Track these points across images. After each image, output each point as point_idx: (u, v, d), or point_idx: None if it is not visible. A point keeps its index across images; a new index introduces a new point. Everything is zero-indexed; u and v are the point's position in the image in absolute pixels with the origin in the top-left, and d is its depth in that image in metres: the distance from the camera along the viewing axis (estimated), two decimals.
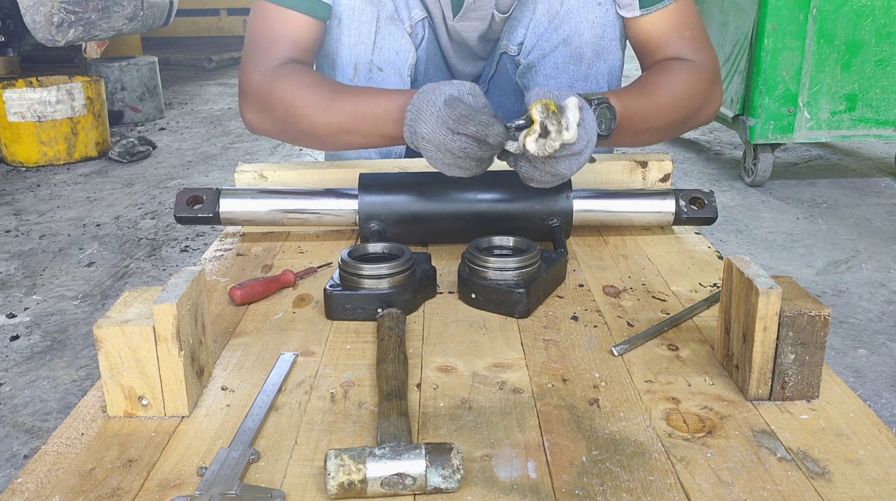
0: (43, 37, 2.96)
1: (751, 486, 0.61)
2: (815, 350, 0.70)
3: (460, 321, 0.89)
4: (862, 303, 1.64)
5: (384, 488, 0.59)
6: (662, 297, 0.95)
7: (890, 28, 2.29)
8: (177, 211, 1.09)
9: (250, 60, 1.15)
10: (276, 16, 1.14)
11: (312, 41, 1.17)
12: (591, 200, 1.12)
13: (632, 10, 1.19)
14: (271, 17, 1.14)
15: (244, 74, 1.15)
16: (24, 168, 2.87)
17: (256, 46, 1.15)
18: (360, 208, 1.07)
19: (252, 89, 1.13)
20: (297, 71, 1.12)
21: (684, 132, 1.27)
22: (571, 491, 0.60)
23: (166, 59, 5.23)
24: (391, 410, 0.67)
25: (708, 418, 0.70)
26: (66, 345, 1.51)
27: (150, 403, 0.70)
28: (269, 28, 1.14)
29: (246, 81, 1.15)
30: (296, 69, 1.12)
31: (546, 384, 0.75)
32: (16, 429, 1.24)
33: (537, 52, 1.25)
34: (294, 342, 0.85)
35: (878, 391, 1.32)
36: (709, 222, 1.12)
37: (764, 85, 2.34)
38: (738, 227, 2.13)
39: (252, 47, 1.16)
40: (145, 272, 1.87)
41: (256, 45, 1.15)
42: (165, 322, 0.68)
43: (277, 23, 1.14)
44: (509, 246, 0.97)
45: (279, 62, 1.13)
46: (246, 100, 1.15)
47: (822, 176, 2.62)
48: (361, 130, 1.05)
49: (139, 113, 3.67)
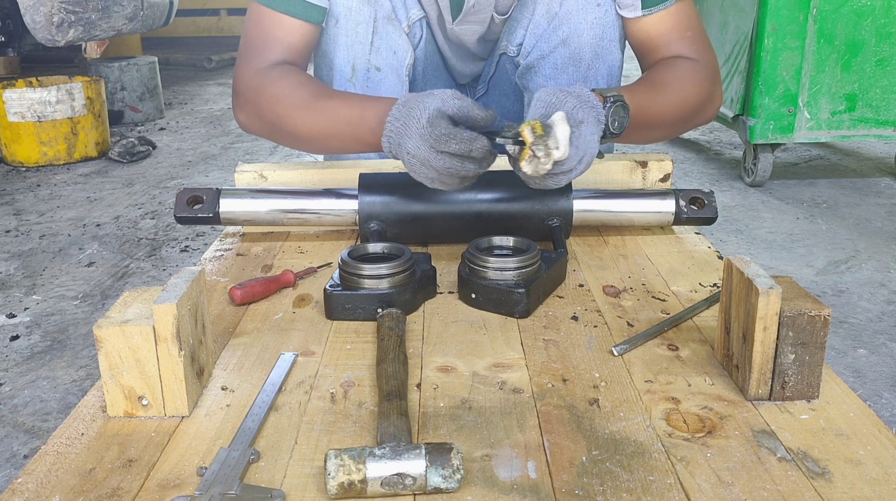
0: (43, 37, 2.96)
1: (751, 486, 0.61)
2: (815, 350, 0.70)
3: (460, 321, 0.89)
4: (862, 303, 1.64)
5: (384, 488, 0.59)
6: (662, 297, 0.95)
7: (890, 28, 2.29)
8: (177, 211, 1.09)
9: (243, 61, 1.17)
10: (270, 19, 1.15)
11: (305, 45, 1.19)
12: (591, 200, 1.12)
13: (634, 10, 1.19)
14: (265, 20, 1.15)
15: (237, 74, 1.17)
16: (24, 168, 2.87)
17: (249, 47, 1.17)
18: (359, 208, 1.07)
19: (243, 90, 1.16)
20: (285, 73, 1.13)
21: (687, 131, 1.27)
22: (571, 491, 0.60)
23: (166, 59, 5.23)
24: (391, 410, 0.67)
25: (708, 418, 0.70)
26: (66, 345, 1.51)
27: (150, 403, 0.70)
28: (263, 30, 1.16)
29: (238, 82, 1.17)
30: (285, 71, 1.13)
31: (546, 384, 0.75)
32: (16, 429, 1.24)
33: (536, 53, 1.25)
34: (294, 342, 0.85)
35: (878, 391, 1.32)
36: (709, 222, 1.12)
37: (764, 85, 2.34)
38: (738, 227, 2.13)
39: (246, 48, 1.17)
40: (145, 272, 1.87)
41: (250, 47, 1.17)
42: (165, 322, 0.68)
43: (271, 26, 1.15)
44: (509, 246, 0.97)
45: (271, 64, 1.14)
46: (238, 100, 1.17)
47: (822, 176, 2.62)
48: (339, 135, 1.06)
49: (139, 113, 3.67)
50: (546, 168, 0.86)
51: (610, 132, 0.95)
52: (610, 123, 0.94)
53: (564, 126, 0.86)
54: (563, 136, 0.85)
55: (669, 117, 1.12)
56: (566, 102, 0.91)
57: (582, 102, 0.92)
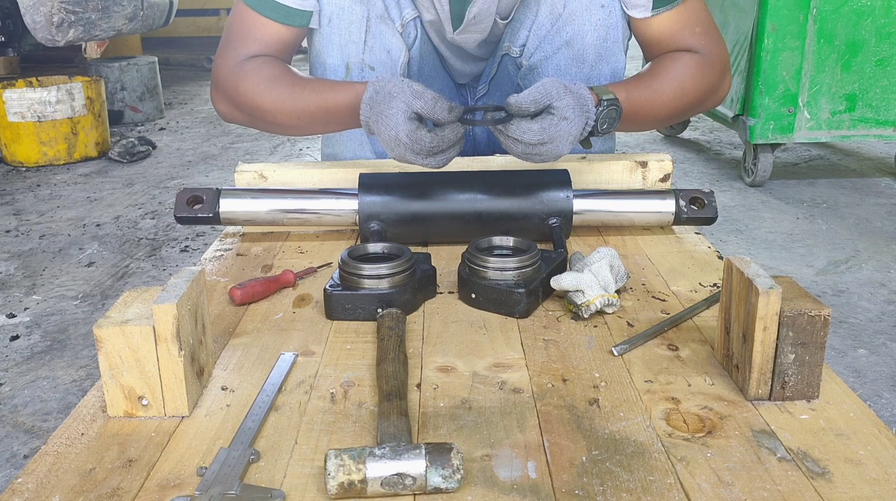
0: (43, 37, 2.96)
1: (751, 486, 0.61)
2: (815, 350, 0.70)
3: (460, 320, 0.89)
4: (862, 303, 1.64)
5: (384, 488, 0.59)
6: (662, 297, 0.95)
7: (890, 28, 2.29)
8: (177, 211, 1.09)
9: (222, 54, 1.20)
10: (252, 20, 1.17)
11: (285, 45, 1.21)
12: (591, 199, 1.12)
13: (644, 10, 1.18)
14: (248, 20, 1.18)
15: (215, 66, 1.21)
16: (24, 168, 2.87)
17: (229, 41, 1.19)
18: (360, 208, 1.07)
19: (220, 82, 1.19)
20: (260, 66, 1.16)
21: (691, 117, 1.32)
22: (571, 491, 0.60)
23: (166, 59, 5.22)
24: (391, 410, 0.67)
25: (708, 418, 0.70)
26: (66, 345, 1.51)
27: (150, 403, 0.70)
28: (244, 28, 1.18)
29: (216, 73, 1.20)
30: (259, 64, 1.16)
31: (546, 384, 0.75)
32: (16, 429, 1.24)
33: (540, 54, 1.25)
34: (294, 342, 0.85)
35: (878, 391, 1.32)
36: (709, 222, 1.12)
37: (764, 85, 2.34)
38: (738, 227, 2.13)
39: (226, 41, 1.20)
40: (145, 272, 1.87)
41: (230, 40, 1.19)
42: (165, 322, 0.68)
43: (252, 26, 1.18)
44: (509, 246, 0.96)
45: (247, 57, 1.17)
46: (216, 91, 1.21)
47: (822, 176, 2.62)
48: (320, 122, 1.13)
49: (139, 113, 3.67)
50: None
51: (598, 131, 1.03)
52: (599, 124, 1.03)
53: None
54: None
55: (664, 112, 1.16)
56: (565, 97, 0.97)
57: (578, 104, 0.98)
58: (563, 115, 0.96)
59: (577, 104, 0.98)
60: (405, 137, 0.94)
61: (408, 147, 0.95)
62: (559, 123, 0.96)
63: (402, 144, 0.95)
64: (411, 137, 0.94)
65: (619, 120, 1.05)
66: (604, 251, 0.92)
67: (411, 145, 0.95)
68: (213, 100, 1.22)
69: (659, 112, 1.15)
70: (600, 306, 0.87)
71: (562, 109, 0.96)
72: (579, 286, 0.87)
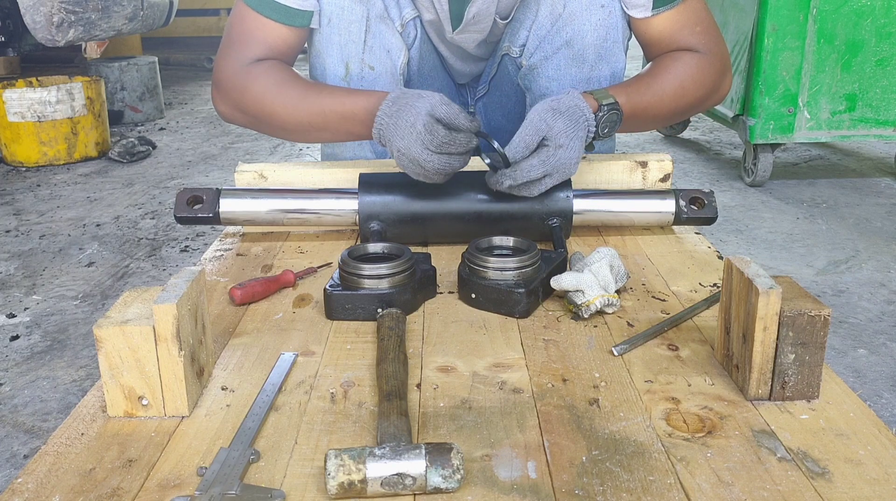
0: (43, 37, 2.96)
1: (751, 486, 0.61)
2: (815, 350, 0.70)
3: (460, 320, 0.89)
4: (862, 303, 1.64)
5: (384, 488, 0.59)
6: (662, 297, 0.95)
7: (890, 28, 2.29)
8: (177, 211, 1.09)
9: (225, 55, 1.19)
10: (253, 20, 1.17)
11: (288, 46, 1.21)
12: (591, 199, 1.12)
13: (644, 10, 1.19)
14: (248, 20, 1.17)
15: (218, 67, 1.20)
16: (24, 168, 2.87)
17: (232, 42, 1.19)
18: (360, 208, 1.07)
19: (224, 84, 1.18)
20: (268, 70, 1.15)
21: (691, 115, 1.32)
22: (571, 491, 0.60)
23: (166, 59, 5.23)
24: (391, 410, 0.67)
25: (708, 418, 0.70)
26: (66, 345, 1.51)
27: (150, 403, 0.70)
28: (245, 29, 1.18)
29: (219, 74, 1.19)
30: (268, 68, 1.16)
31: (546, 384, 0.75)
32: (16, 429, 1.24)
33: (540, 54, 1.25)
34: (294, 342, 0.85)
35: (878, 391, 1.32)
36: (709, 222, 1.12)
37: (764, 85, 2.34)
38: (738, 227, 2.13)
39: (228, 42, 1.19)
40: (145, 272, 1.87)
41: (232, 41, 1.19)
42: (165, 322, 0.68)
43: (253, 27, 1.17)
44: (509, 246, 0.97)
45: (253, 60, 1.17)
46: (219, 92, 1.20)
47: (822, 176, 2.62)
48: (330, 128, 1.12)
49: (139, 113, 3.67)
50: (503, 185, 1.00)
51: (600, 135, 1.05)
52: (600, 129, 1.04)
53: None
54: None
55: (664, 113, 1.17)
56: (555, 125, 0.98)
57: (572, 123, 0.99)
58: (558, 143, 0.98)
59: (571, 124, 0.99)
60: (422, 126, 0.95)
61: (420, 137, 0.95)
62: (556, 152, 0.98)
63: (417, 132, 0.95)
64: (427, 128, 0.95)
65: (619, 123, 1.07)
66: (604, 251, 0.92)
67: (424, 135, 0.95)
68: (215, 100, 1.21)
69: (660, 112, 1.16)
70: (600, 306, 0.87)
71: (555, 137, 0.98)
72: (579, 286, 0.87)
